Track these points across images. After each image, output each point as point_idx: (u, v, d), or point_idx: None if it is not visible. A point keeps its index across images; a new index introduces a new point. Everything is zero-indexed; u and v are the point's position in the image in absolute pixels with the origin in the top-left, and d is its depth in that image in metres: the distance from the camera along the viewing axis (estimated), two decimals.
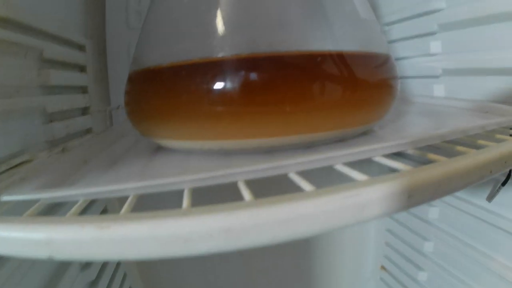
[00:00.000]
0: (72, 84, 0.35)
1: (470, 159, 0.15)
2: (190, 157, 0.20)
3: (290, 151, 0.19)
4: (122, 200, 0.15)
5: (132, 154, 0.23)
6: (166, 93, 0.19)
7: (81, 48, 0.38)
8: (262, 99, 0.17)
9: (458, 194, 0.38)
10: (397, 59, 0.43)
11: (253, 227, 0.12)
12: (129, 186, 0.14)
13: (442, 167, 0.14)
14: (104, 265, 0.38)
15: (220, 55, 0.18)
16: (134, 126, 0.23)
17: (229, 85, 0.17)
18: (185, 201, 0.14)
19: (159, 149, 0.24)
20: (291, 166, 0.15)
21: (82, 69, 0.38)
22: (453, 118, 0.26)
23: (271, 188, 0.17)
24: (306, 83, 0.18)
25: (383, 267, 0.51)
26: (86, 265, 0.34)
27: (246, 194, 0.14)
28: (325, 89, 0.18)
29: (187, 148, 0.20)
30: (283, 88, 0.17)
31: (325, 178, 0.18)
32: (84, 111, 0.38)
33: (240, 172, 0.14)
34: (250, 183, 0.15)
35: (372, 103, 0.20)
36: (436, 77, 0.38)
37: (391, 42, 0.44)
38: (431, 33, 0.38)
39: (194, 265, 0.50)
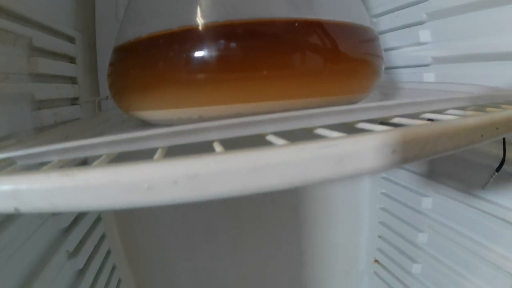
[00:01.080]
0: (61, 74, 0.35)
1: (460, 121, 0.15)
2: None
3: None
4: None
5: (115, 131, 0.23)
6: (144, 63, 0.19)
7: (71, 40, 0.38)
8: (237, 64, 0.17)
9: (452, 183, 0.37)
10: (387, 49, 0.43)
11: (220, 174, 0.11)
12: (101, 140, 0.14)
13: (431, 125, 0.14)
14: (92, 254, 0.38)
15: (198, 23, 0.18)
16: (117, 103, 0.23)
17: (205, 51, 0.17)
18: (156, 157, 0.14)
19: (143, 125, 0.24)
20: (266, 122, 0.15)
21: (71, 60, 0.39)
22: (443, 95, 0.25)
23: None
24: (283, 48, 0.17)
25: (376, 261, 0.50)
26: (73, 253, 0.34)
27: (219, 149, 0.14)
28: (302, 55, 0.18)
29: (167, 118, 0.20)
30: (259, 53, 0.17)
31: None
32: (73, 101, 0.38)
33: (214, 126, 0.14)
34: (226, 146, 0.14)
35: (352, 72, 0.19)
36: (426, 65, 0.38)
37: (380, 33, 0.44)
38: (420, 22, 0.38)
39: (185, 260, 0.50)
